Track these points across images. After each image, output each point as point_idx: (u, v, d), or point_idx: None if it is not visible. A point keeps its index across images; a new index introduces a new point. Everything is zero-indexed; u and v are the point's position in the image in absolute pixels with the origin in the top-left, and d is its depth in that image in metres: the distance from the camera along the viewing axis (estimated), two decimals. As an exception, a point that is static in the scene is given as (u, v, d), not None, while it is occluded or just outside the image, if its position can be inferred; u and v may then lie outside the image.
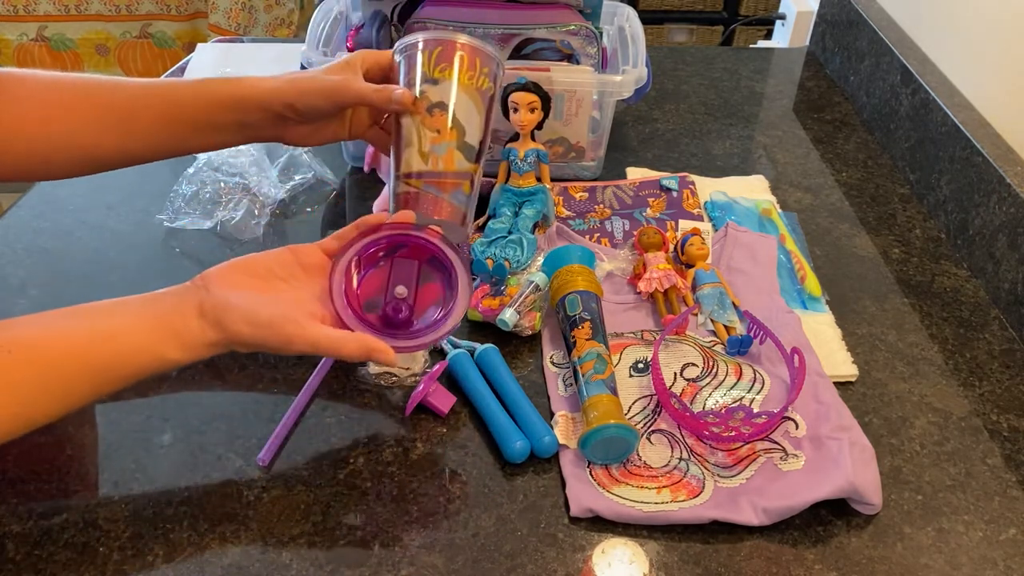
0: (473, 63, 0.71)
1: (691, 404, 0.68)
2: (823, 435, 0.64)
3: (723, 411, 0.66)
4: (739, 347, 0.72)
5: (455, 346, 0.72)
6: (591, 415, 0.63)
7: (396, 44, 0.73)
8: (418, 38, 0.71)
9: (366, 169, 0.96)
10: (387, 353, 0.60)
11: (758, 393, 0.69)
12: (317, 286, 0.63)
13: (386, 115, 0.77)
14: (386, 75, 0.74)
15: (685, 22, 2.57)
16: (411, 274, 0.65)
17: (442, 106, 0.70)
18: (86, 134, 0.67)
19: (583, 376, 0.66)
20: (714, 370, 0.71)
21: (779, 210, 0.91)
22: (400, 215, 0.66)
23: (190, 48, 1.45)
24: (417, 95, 0.70)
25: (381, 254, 0.66)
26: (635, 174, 0.97)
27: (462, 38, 0.71)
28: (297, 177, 0.94)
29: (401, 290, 0.64)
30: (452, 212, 0.69)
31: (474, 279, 0.77)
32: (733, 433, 0.64)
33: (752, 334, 0.73)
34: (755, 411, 0.66)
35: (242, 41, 1.25)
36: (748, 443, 0.65)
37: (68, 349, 0.56)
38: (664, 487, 0.62)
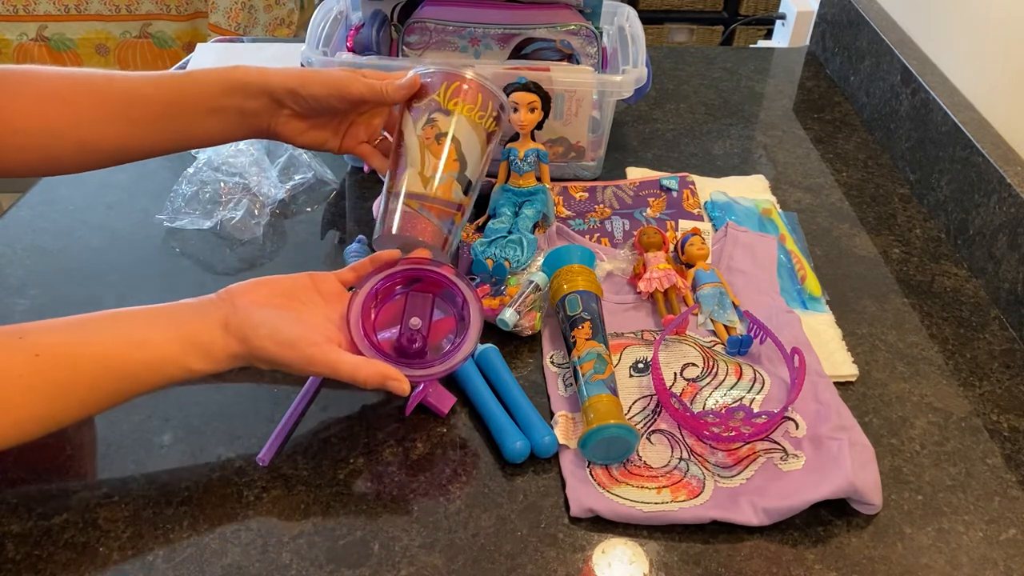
0: (486, 104, 0.73)
1: (691, 404, 0.68)
2: (823, 435, 0.64)
3: (723, 411, 0.66)
4: (739, 347, 0.72)
5: (455, 346, 0.72)
6: (591, 415, 0.63)
7: (413, 69, 0.74)
8: (437, 68, 0.74)
9: (366, 170, 0.96)
10: (402, 382, 0.61)
11: (758, 393, 0.69)
12: (334, 312, 0.65)
13: (380, 137, 0.78)
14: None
15: (685, 22, 2.57)
16: (426, 307, 0.67)
17: (450, 137, 0.72)
18: (87, 126, 0.67)
19: (583, 376, 0.66)
20: (714, 370, 0.71)
21: (779, 210, 0.91)
22: (416, 251, 0.69)
23: (190, 48, 1.45)
24: (427, 120, 0.72)
25: (398, 287, 0.69)
26: (635, 174, 0.97)
27: (479, 77, 0.74)
28: (297, 177, 0.94)
29: (415, 322, 0.65)
30: (435, 236, 0.71)
31: (474, 279, 0.78)
32: (733, 433, 0.64)
33: (752, 334, 0.73)
34: (755, 411, 0.66)
35: (242, 41, 1.25)
36: (748, 443, 0.65)
37: (96, 355, 0.57)
38: (664, 487, 0.62)
